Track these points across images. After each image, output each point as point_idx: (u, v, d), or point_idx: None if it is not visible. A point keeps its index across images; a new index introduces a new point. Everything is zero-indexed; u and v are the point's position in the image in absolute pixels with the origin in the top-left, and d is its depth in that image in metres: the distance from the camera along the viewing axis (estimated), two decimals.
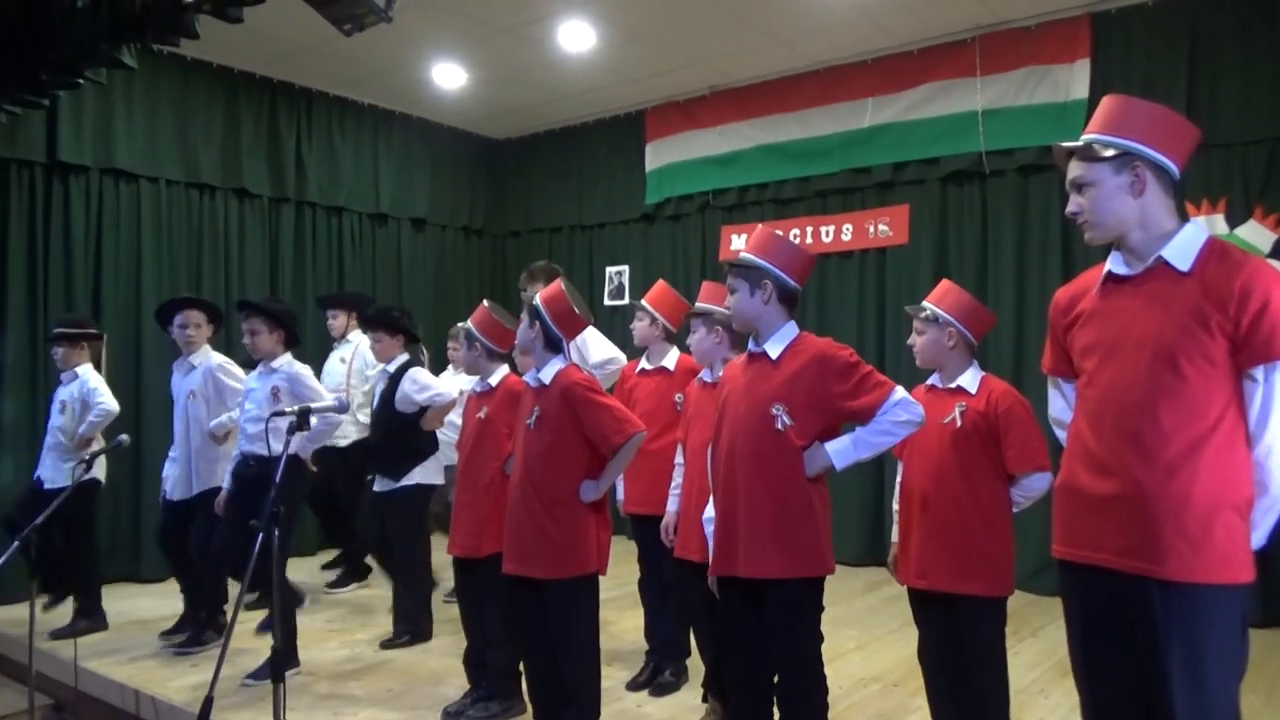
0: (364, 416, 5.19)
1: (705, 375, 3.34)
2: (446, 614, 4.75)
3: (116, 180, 5.98)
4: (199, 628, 4.48)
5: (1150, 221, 1.93)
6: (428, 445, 4.44)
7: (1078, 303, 2.07)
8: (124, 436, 4.27)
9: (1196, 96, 5.08)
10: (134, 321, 5.98)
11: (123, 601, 5.15)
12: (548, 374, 3.04)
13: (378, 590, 5.34)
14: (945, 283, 2.96)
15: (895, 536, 2.88)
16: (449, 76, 6.70)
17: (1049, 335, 2.18)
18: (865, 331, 6.34)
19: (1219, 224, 5.01)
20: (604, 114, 7.67)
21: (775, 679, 2.56)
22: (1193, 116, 5.01)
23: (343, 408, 3.42)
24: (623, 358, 4.45)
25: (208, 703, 2.43)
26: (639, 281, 7.59)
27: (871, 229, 6.34)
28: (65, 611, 4.77)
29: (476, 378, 3.64)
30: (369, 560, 5.43)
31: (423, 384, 4.36)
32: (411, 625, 4.45)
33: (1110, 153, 1.93)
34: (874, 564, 6.11)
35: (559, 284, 3.16)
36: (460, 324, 3.76)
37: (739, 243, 6.95)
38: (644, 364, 3.95)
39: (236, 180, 6.56)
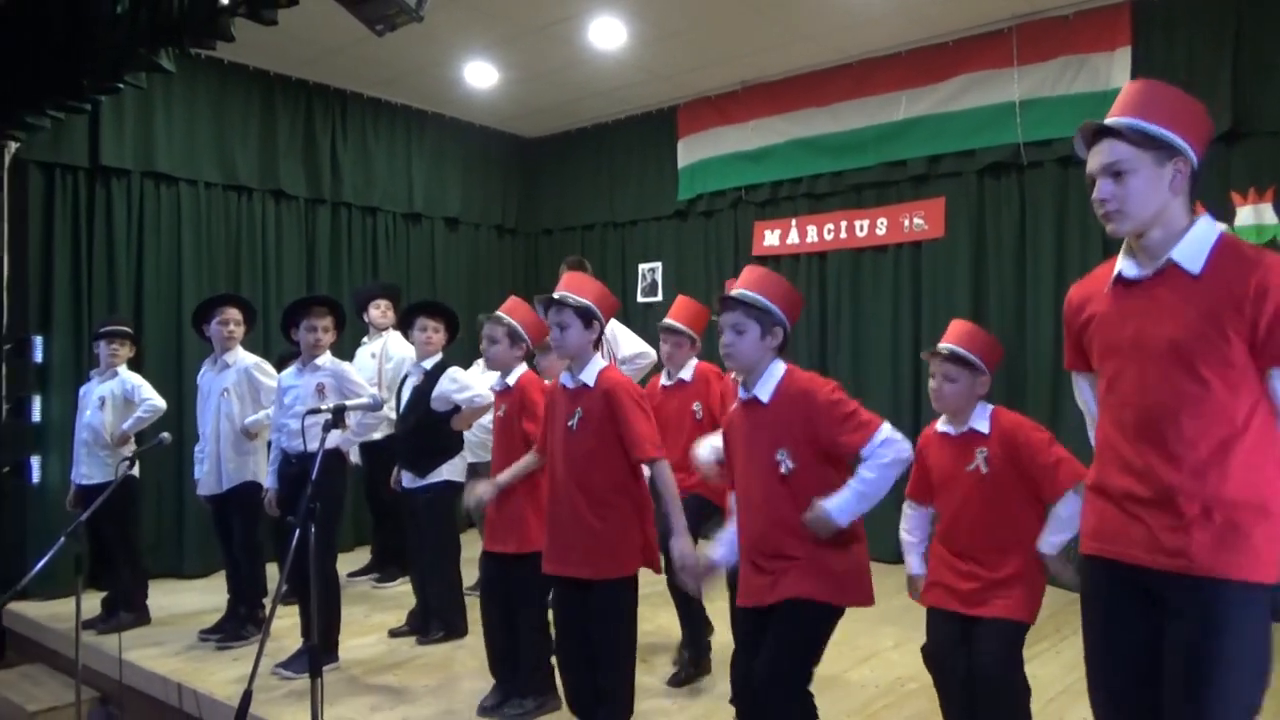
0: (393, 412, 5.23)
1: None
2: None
3: (157, 183, 6.09)
4: (239, 622, 4.55)
5: (1171, 220, 1.88)
6: (455, 444, 4.47)
7: (1090, 302, 2.03)
8: (165, 435, 4.37)
9: (1242, 82, 4.96)
10: (175, 321, 6.08)
11: (166, 597, 5.25)
12: (590, 374, 3.02)
13: None
14: (962, 323, 2.84)
15: (916, 569, 2.90)
16: (481, 75, 6.73)
17: (1065, 331, 2.14)
18: (900, 327, 6.28)
19: (1267, 213, 4.89)
20: (635, 111, 7.67)
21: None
22: (1238, 104, 4.94)
23: (377, 405, 3.46)
24: (652, 353, 4.48)
25: (247, 696, 2.46)
26: (671, 278, 7.59)
27: (907, 223, 6.28)
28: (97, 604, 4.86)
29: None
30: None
31: (463, 384, 4.39)
32: (446, 622, 4.48)
33: (1154, 142, 1.85)
34: None
35: (587, 275, 3.16)
36: (483, 315, 3.77)
37: (772, 238, 6.92)
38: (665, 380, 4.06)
39: (273, 182, 6.65)
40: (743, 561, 2.60)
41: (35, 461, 5.51)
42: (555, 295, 3.04)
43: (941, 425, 2.78)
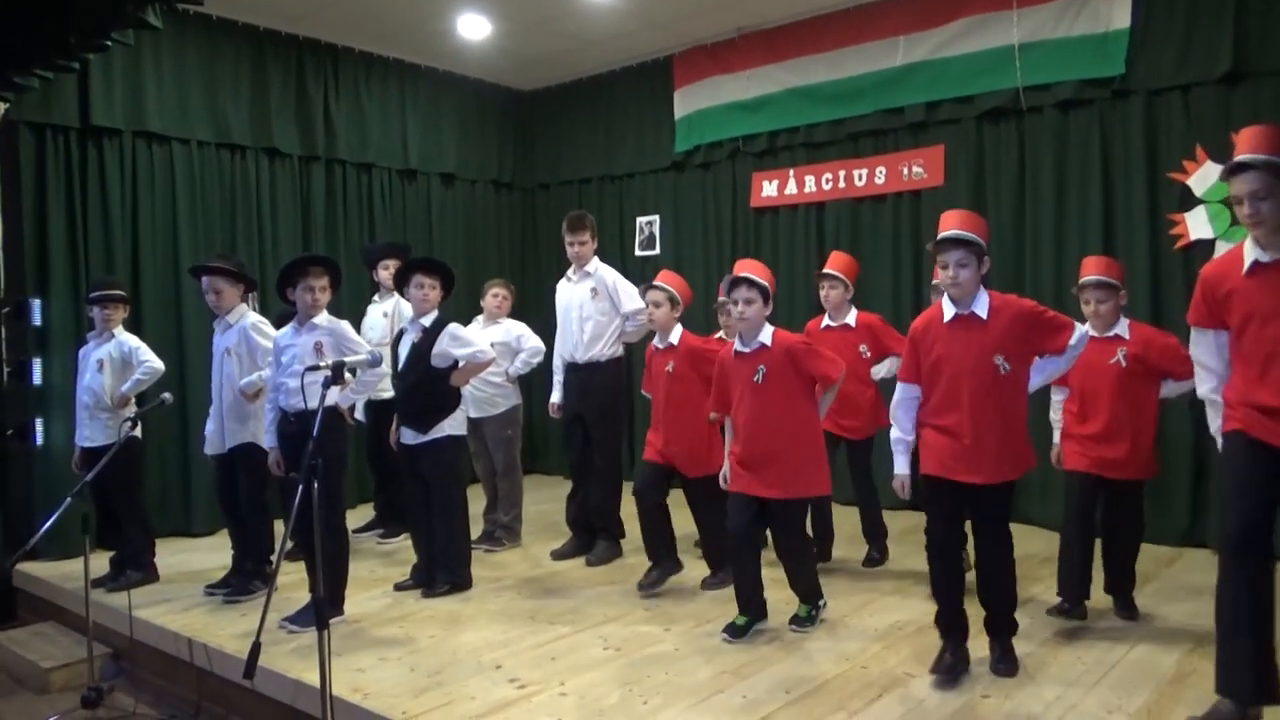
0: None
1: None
2: (482, 562, 4.85)
3: (149, 142, 6.04)
4: (246, 577, 4.62)
5: None
6: (454, 400, 4.49)
7: (1226, 281, 2.80)
8: (167, 395, 4.41)
9: (1244, 23, 4.88)
10: (173, 282, 6.07)
11: (173, 555, 5.32)
12: (767, 336, 3.73)
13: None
14: (1094, 258, 3.93)
15: (1058, 439, 3.93)
16: (474, 27, 6.64)
17: (1200, 296, 2.88)
18: (901, 276, 6.26)
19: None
20: (631, 61, 7.58)
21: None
22: (1239, 45, 4.87)
23: (377, 361, 3.47)
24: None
25: (256, 648, 2.51)
26: (669, 231, 7.56)
27: (905, 171, 6.23)
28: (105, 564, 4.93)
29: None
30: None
31: (465, 340, 4.39)
32: (452, 575, 4.54)
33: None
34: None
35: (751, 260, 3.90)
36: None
37: (770, 189, 6.88)
38: (828, 321, 4.81)
39: (266, 140, 6.59)
40: (946, 445, 3.22)
41: (38, 424, 5.55)
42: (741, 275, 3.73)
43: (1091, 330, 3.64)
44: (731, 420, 3.87)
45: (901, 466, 3.41)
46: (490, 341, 5.06)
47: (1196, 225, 5.10)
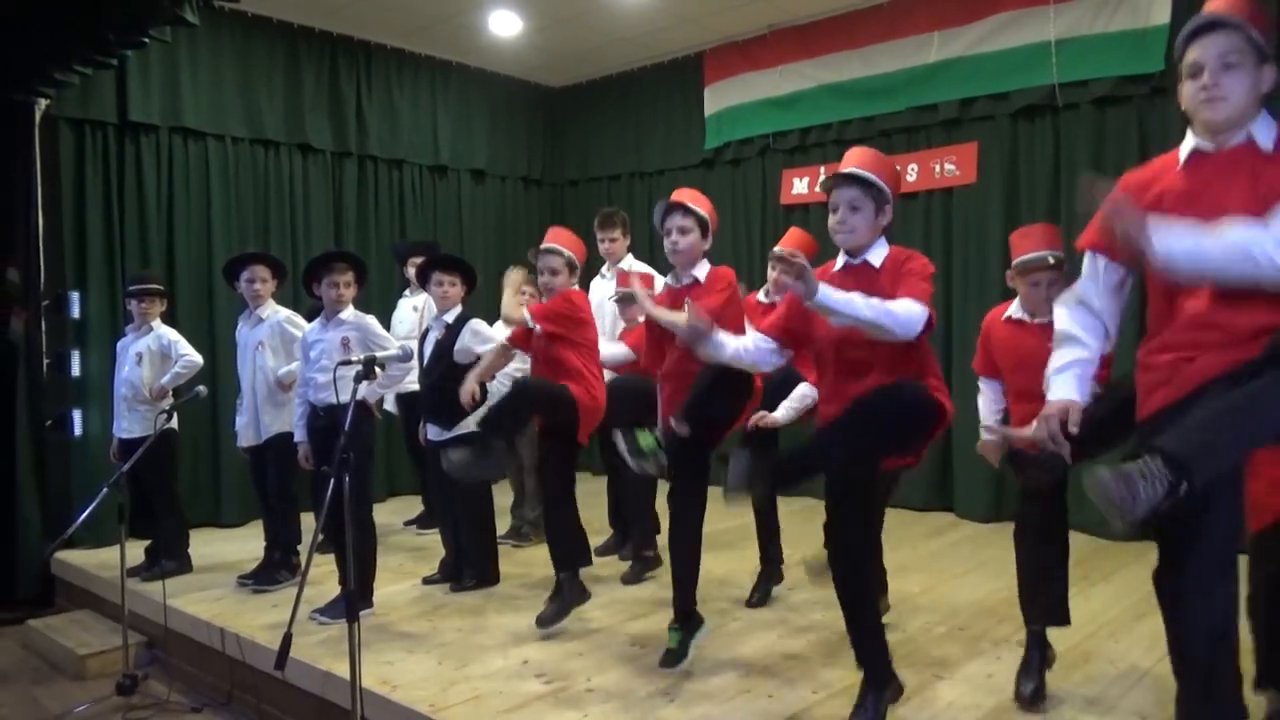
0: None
1: None
2: (509, 558, 4.87)
3: (185, 138, 6.13)
4: (273, 568, 4.68)
5: (1250, 109, 2.03)
6: (479, 395, 4.50)
7: (1154, 184, 2.13)
8: (201, 388, 4.47)
9: None
10: (206, 276, 6.16)
11: (206, 545, 5.38)
12: (701, 272, 3.37)
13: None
14: (1039, 227, 3.29)
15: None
16: (505, 24, 6.66)
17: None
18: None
19: None
20: (661, 58, 7.56)
21: None
22: None
23: (406, 356, 3.49)
24: None
25: (287, 639, 2.53)
26: None
27: (938, 168, 6.17)
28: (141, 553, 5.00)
29: None
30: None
31: (485, 336, 4.41)
32: (478, 570, 4.56)
33: (1258, 41, 2.00)
34: (940, 509, 6.08)
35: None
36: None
37: (800, 186, 6.84)
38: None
39: (300, 136, 6.66)
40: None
41: (76, 415, 5.65)
42: None
43: (1016, 314, 3.18)
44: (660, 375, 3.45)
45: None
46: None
47: None
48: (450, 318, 4.47)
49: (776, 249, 4.21)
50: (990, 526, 5.71)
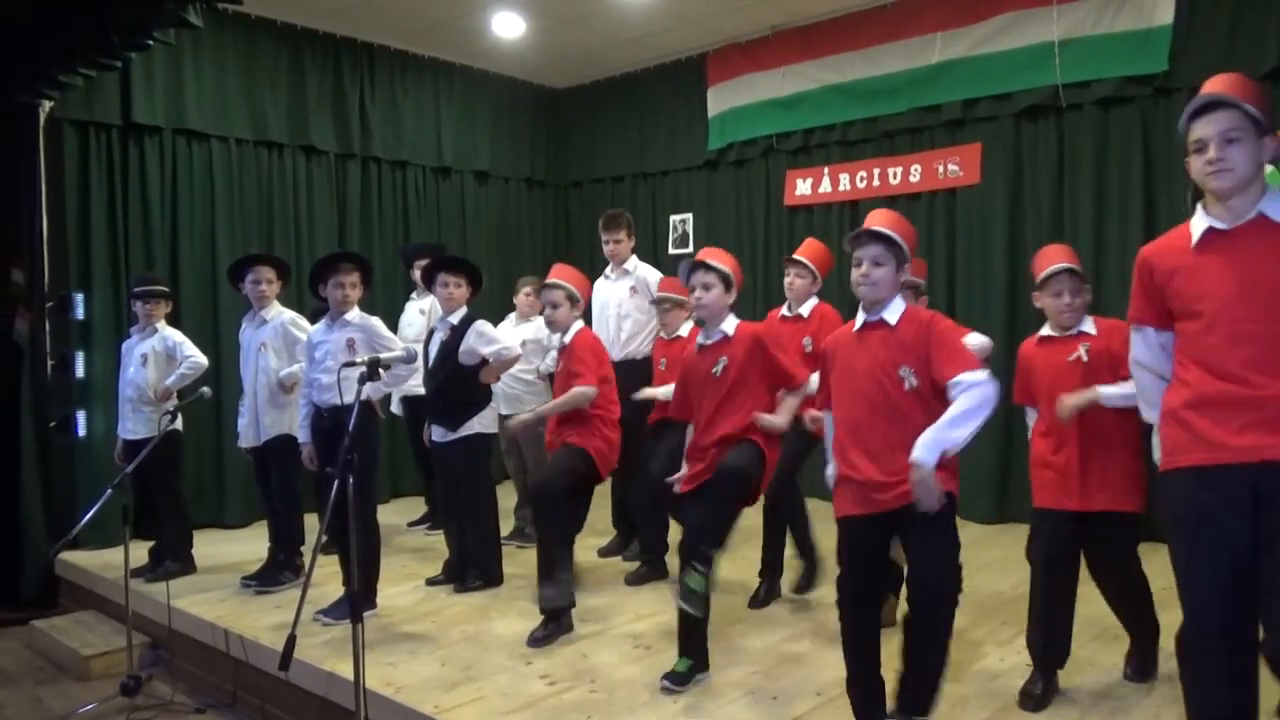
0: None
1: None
2: (513, 558, 4.87)
3: (189, 140, 6.13)
4: (276, 569, 4.69)
5: (1257, 183, 2.17)
6: (484, 397, 4.50)
7: (1171, 258, 2.26)
8: (205, 389, 4.48)
9: None
10: (210, 277, 6.16)
11: (209, 546, 5.39)
12: (730, 326, 3.39)
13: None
14: (1055, 247, 3.32)
15: None
16: (508, 25, 6.67)
17: (1138, 288, 2.35)
18: (935, 276, 6.18)
19: None
20: (665, 59, 7.57)
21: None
22: None
23: (411, 357, 3.49)
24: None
25: (291, 640, 2.54)
26: (703, 229, 7.54)
27: (941, 169, 6.17)
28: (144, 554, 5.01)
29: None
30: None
31: (490, 337, 4.41)
32: (483, 571, 4.57)
33: (1255, 116, 2.14)
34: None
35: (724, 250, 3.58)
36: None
37: (804, 187, 6.84)
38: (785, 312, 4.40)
39: (304, 138, 6.67)
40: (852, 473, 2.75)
41: (81, 416, 5.65)
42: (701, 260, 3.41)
43: (1044, 332, 3.22)
44: (693, 426, 3.47)
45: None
46: (522, 339, 5.09)
47: None
48: (455, 319, 4.47)
49: (796, 256, 4.36)
50: (995, 528, 5.71)
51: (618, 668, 3.49)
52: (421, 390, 5.16)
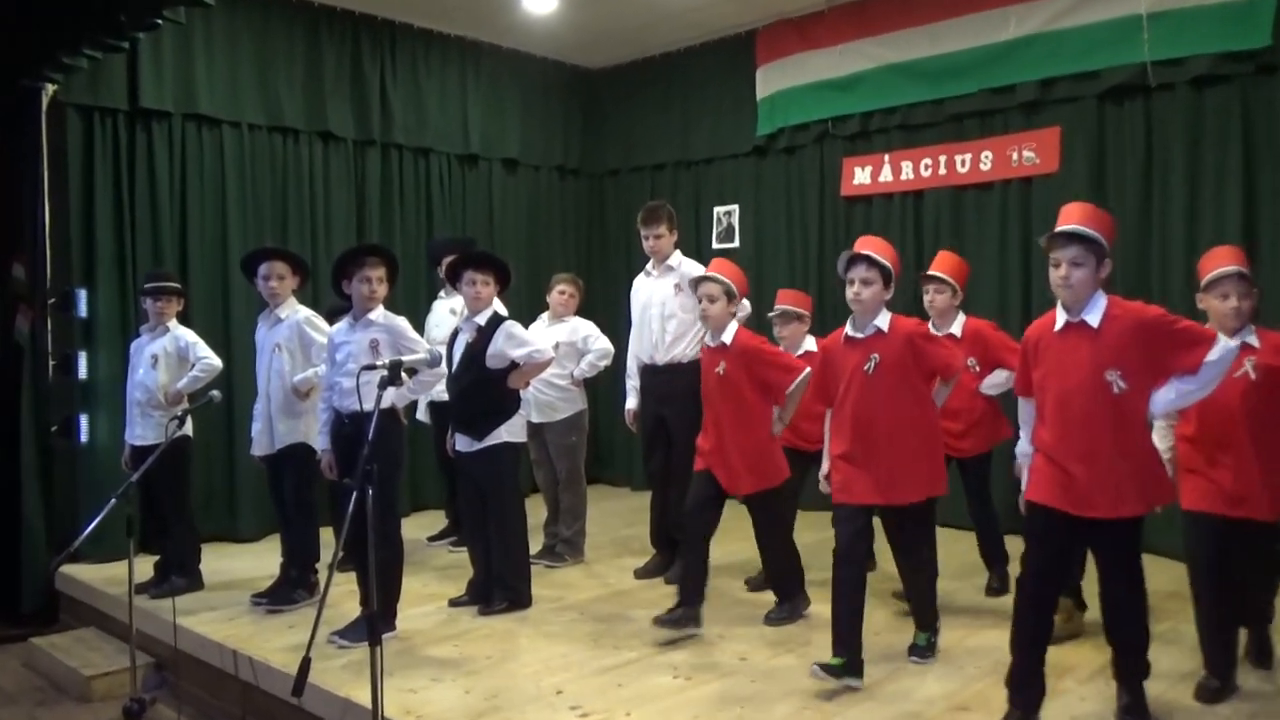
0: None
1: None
2: (542, 579, 4.87)
3: (199, 126, 6.23)
4: (290, 586, 4.74)
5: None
6: (512, 404, 4.51)
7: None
8: (216, 393, 4.52)
9: None
10: (222, 272, 6.25)
11: (219, 561, 5.46)
12: (884, 322, 3.67)
13: None
14: (1225, 248, 3.63)
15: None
16: (539, 1, 6.69)
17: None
18: (1008, 274, 6.12)
19: None
20: (709, 37, 7.56)
21: None
22: None
23: (436, 360, 3.52)
24: None
25: (305, 663, 2.56)
26: (749, 222, 7.52)
27: (1015, 156, 6.10)
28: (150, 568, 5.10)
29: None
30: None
31: (521, 339, 4.42)
32: (510, 592, 4.58)
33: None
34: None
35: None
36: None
37: (862, 176, 6.80)
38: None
39: (320, 123, 6.75)
40: (1051, 473, 3.08)
41: (83, 420, 5.74)
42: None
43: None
44: (833, 416, 3.79)
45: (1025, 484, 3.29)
46: (555, 342, 5.09)
47: None
48: (482, 320, 4.48)
49: (933, 272, 4.64)
50: None
51: (654, 699, 3.48)
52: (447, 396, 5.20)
